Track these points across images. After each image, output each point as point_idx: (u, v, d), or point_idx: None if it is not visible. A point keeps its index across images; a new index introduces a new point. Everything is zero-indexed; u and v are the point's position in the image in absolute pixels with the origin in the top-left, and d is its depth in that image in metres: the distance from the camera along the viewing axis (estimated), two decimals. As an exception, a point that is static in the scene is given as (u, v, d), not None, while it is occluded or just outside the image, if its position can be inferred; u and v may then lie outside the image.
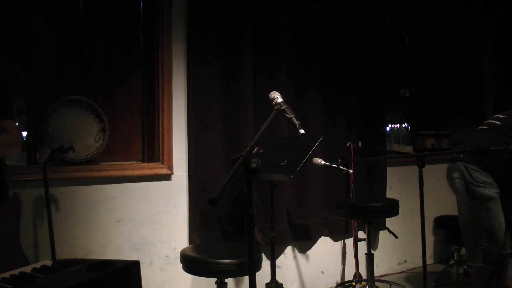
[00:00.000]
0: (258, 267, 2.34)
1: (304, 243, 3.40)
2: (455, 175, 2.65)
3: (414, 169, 2.56)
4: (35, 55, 2.79)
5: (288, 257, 3.34)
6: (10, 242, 1.77)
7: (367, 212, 2.95)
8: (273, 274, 2.71)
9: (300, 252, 3.41)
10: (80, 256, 2.53)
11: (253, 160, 1.41)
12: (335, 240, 3.59)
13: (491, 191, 2.48)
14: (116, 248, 2.66)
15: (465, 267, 3.51)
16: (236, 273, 2.19)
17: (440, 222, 3.50)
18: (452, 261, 3.50)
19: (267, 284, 2.72)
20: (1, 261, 1.69)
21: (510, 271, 2.70)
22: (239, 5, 3.01)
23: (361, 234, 3.51)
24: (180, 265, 2.32)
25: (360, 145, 3.58)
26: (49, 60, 2.79)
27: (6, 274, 1.37)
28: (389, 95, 4.60)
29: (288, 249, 3.34)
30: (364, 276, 3.41)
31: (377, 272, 3.67)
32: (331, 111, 3.47)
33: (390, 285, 3.47)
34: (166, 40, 2.84)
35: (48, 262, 1.53)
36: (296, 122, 1.74)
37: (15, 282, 1.33)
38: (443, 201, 4.30)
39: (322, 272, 3.52)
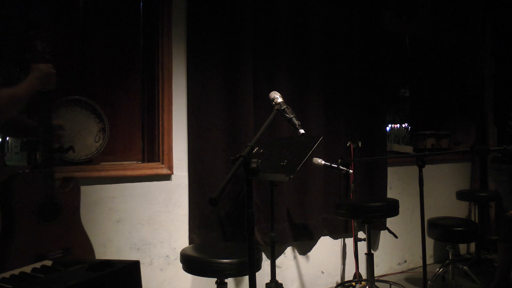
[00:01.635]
0: (258, 267, 2.34)
1: (304, 243, 3.40)
2: (504, 177, 2.73)
3: (414, 169, 2.56)
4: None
5: (288, 257, 3.34)
6: (74, 222, 2.02)
7: (367, 212, 2.95)
8: (273, 274, 2.71)
9: (300, 252, 3.41)
10: (80, 256, 2.52)
11: (253, 160, 1.41)
12: (336, 244, 3.59)
13: None
14: (116, 248, 2.66)
15: (461, 266, 3.51)
16: (236, 273, 2.19)
17: (433, 222, 3.50)
18: (447, 261, 3.50)
19: (267, 284, 2.72)
20: (64, 239, 1.94)
21: None
22: (239, 5, 3.01)
23: (361, 234, 3.51)
24: (180, 265, 2.32)
25: (360, 145, 3.58)
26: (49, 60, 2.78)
27: (6, 274, 1.37)
28: (389, 95, 4.60)
29: (288, 249, 3.35)
30: (364, 276, 3.41)
31: (377, 272, 3.67)
32: (331, 111, 3.47)
33: (390, 285, 3.47)
34: (166, 40, 2.84)
35: (48, 262, 1.53)
36: (296, 122, 1.74)
37: (15, 282, 1.33)
38: (442, 201, 4.30)
39: (322, 272, 3.52)
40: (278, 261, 3.26)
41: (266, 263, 3.09)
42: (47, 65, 1.90)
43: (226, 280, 2.28)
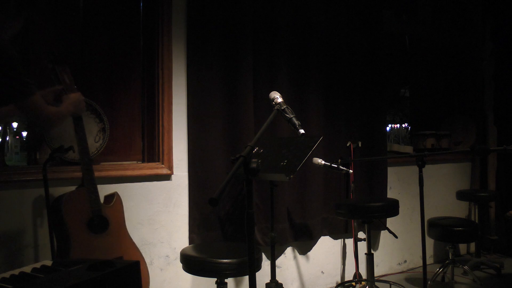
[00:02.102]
0: (258, 267, 2.34)
1: (304, 243, 3.40)
2: None
3: (414, 169, 2.56)
4: (35, 55, 2.79)
5: (288, 257, 3.34)
6: (122, 232, 2.21)
7: (367, 212, 2.95)
8: (273, 274, 2.71)
9: (300, 252, 3.41)
10: (80, 256, 2.52)
11: (253, 160, 1.41)
12: (336, 244, 3.59)
13: None
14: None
15: (461, 266, 3.51)
16: (236, 273, 2.19)
17: (433, 222, 3.50)
18: (447, 261, 3.50)
19: (267, 284, 2.72)
20: (116, 249, 2.13)
21: None
22: (239, 5, 3.01)
23: (361, 234, 3.51)
24: (180, 265, 2.32)
25: (360, 145, 3.58)
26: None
27: (6, 274, 1.37)
28: (389, 95, 4.60)
29: (288, 249, 3.34)
30: (364, 276, 3.41)
31: (377, 272, 3.67)
32: (331, 111, 3.47)
33: (390, 285, 3.47)
34: (166, 40, 2.84)
35: (48, 262, 1.53)
36: (296, 122, 1.74)
37: (15, 282, 1.33)
38: (442, 201, 4.30)
39: (322, 272, 3.52)
40: (278, 261, 3.26)
41: (266, 263, 3.09)
42: (76, 94, 2.17)
43: (226, 280, 2.29)
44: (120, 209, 2.24)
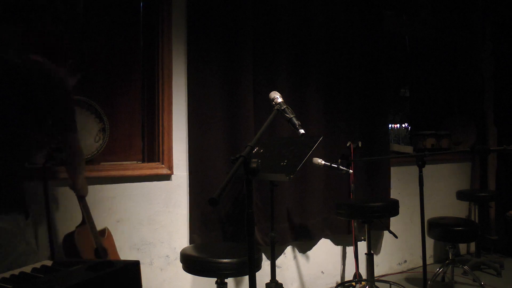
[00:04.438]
0: (258, 267, 2.34)
1: (304, 243, 3.40)
2: None
3: (414, 169, 2.56)
4: (35, 55, 2.78)
5: (288, 257, 3.34)
6: (115, 257, 2.44)
7: (366, 212, 2.94)
8: (273, 274, 2.71)
9: (300, 252, 3.41)
10: (80, 256, 2.53)
11: (253, 160, 1.41)
12: (336, 244, 3.59)
13: None
14: (116, 248, 2.66)
15: (461, 266, 3.51)
16: (236, 273, 2.20)
17: (433, 222, 3.49)
18: (447, 261, 3.50)
19: (267, 284, 2.72)
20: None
21: None
22: (239, 5, 3.01)
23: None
24: (180, 265, 2.32)
25: (360, 145, 3.57)
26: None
27: (6, 274, 1.37)
28: (389, 95, 4.60)
29: (288, 249, 3.34)
30: (364, 276, 3.41)
31: (377, 272, 3.67)
32: (331, 111, 3.47)
33: (390, 285, 3.47)
34: (166, 40, 2.84)
35: (48, 262, 1.53)
36: (296, 122, 1.74)
37: (15, 282, 1.33)
38: (442, 201, 4.30)
39: (322, 272, 3.52)
40: (278, 261, 3.26)
41: (266, 263, 3.09)
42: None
43: (226, 280, 2.28)
44: (112, 240, 2.47)
